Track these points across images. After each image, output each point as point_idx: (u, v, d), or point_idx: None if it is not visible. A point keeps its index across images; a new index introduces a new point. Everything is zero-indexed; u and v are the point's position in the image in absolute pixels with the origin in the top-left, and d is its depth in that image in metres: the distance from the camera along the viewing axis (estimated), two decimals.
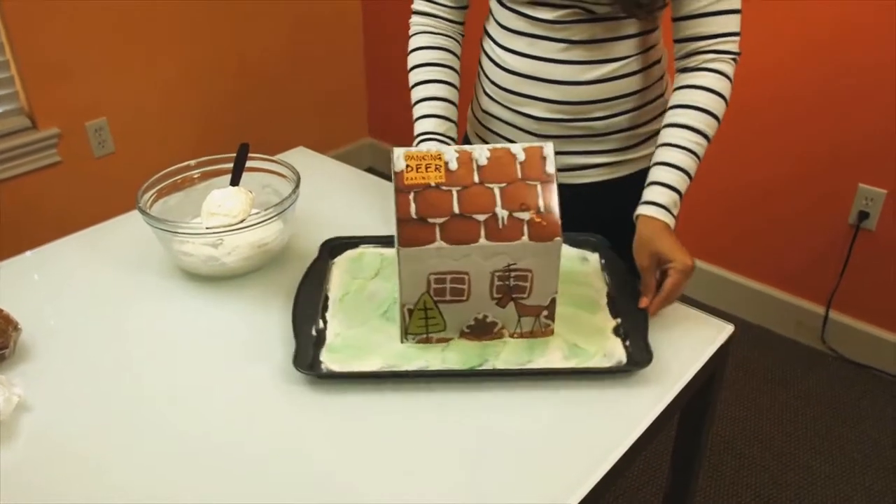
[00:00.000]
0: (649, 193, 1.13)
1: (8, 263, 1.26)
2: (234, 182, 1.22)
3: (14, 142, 2.27)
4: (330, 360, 1.02)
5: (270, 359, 1.04)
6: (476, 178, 0.99)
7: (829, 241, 2.30)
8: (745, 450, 2.05)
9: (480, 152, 0.99)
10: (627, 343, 1.03)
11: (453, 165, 0.99)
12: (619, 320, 1.06)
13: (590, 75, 1.20)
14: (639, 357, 1.00)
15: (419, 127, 1.26)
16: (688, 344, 1.07)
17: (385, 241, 1.22)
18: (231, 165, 1.25)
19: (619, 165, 1.29)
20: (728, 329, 1.11)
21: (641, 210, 1.12)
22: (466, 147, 1.01)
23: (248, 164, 1.27)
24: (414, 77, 1.30)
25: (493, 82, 1.29)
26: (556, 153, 1.26)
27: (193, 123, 2.74)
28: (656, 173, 1.14)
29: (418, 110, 1.28)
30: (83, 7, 2.33)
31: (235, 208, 1.15)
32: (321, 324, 1.08)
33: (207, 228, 1.14)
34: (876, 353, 2.33)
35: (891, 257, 2.21)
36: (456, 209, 0.97)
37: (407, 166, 0.99)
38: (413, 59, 1.31)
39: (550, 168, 0.98)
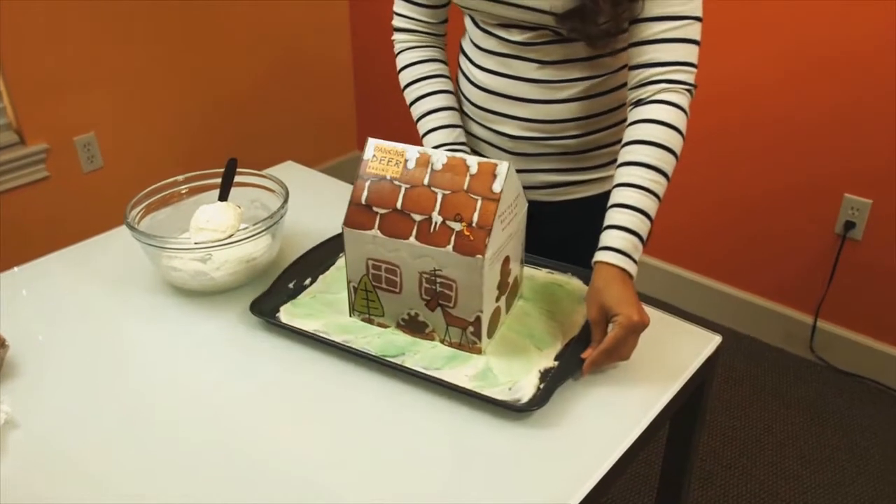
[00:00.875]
0: (607, 238, 1.05)
1: None
2: (223, 197, 1.22)
3: (2, 157, 2.27)
4: (286, 311, 1.12)
5: (257, 374, 1.04)
6: (426, 181, 1.01)
7: (817, 250, 2.32)
8: (735, 460, 2.06)
9: (438, 157, 1.02)
10: (541, 386, 0.98)
11: (411, 164, 1.03)
12: (556, 363, 1.02)
13: (562, 94, 1.20)
14: (531, 403, 0.95)
15: (430, 141, 1.27)
16: (676, 355, 1.08)
17: None
18: (219, 181, 1.26)
19: (597, 183, 1.29)
20: (716, 340, 1.11)
21: (599, 256, 1.04)
22: (429, 150, 1.03)
23: (237, 178, 1.28)
24: (411, 94, 1.30)
25: (468, 100, 1.30)
26: (532, 171, 1.27)
27: (182, 138, 2.74)
28: (614, 216, 1.06)
29: (424, 125, 1.28)
30: (72, 22, 2.33)
31: (224, 223, 1.15)
32: (307, 281, 1.17)
33: (196, 243, 1.14)
34: (864, 362, 2.34)
35: (877, 267, 2.23)
36: (399, 205, 1.02)
37: (374, 156, 1.05)
38: (405, 77, 1.31)
39: (497, 187, 0.98)
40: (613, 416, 0.97)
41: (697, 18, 1.11)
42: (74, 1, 2.32)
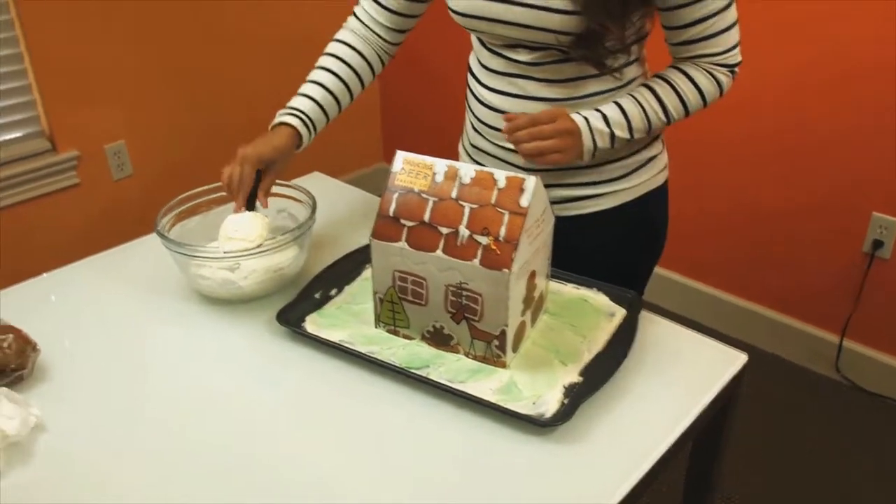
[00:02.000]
0: (586, 113, 1.17)
1: (26, 285, 1.28)
2: (250, 207, 1.23)
3: (34, 164, 2.31)
4: (312, 321, 1.13)
5: (282, 382, 1.05)
6: (454, 194, 1.02)
7: (844, 269, 2.30)
8: (758, 479, 2.04)
9: (467, 171, 1.03)
10: (565, 401, 0.98)
11: (439, 178, 1.03)
12: (581, 378, 1.02)
13: (572, 111, 1.20)
14: (555, 418, 0.95)
15: (292, 101, 1.28)
16: (701, 372, 1.07)
17: None
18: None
19: (611, 196, 1.28)
20: (742, 358, 1.10)
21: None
22: (458, 164, 1.04)
23: None
24: (318, 62, 1.32)
25: (478, 118, 1.30)
26: (547, 186, 1.26)
27: (210, 148, 2.76)
28: (603, 107, 1.18)
29: (302, 88, 1.29)
30: (103, 32, 2.37)
31: (252, 233, 1.16)
32: (333, 292, 1.18)
33: (225, 253, 1.15)
34: (891, 383, 2.31)
35: None
36: (426, 217, 1.02)
37: (402, 169, 1.05)
38: (327, 48, 1.33)
39: (524, 201, 0.99)
40: (637, 433, 0.97)
41: (730, 4, 1.15)
42: (106, 11, 2.36)
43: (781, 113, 2.25)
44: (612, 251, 1.31)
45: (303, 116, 1.26)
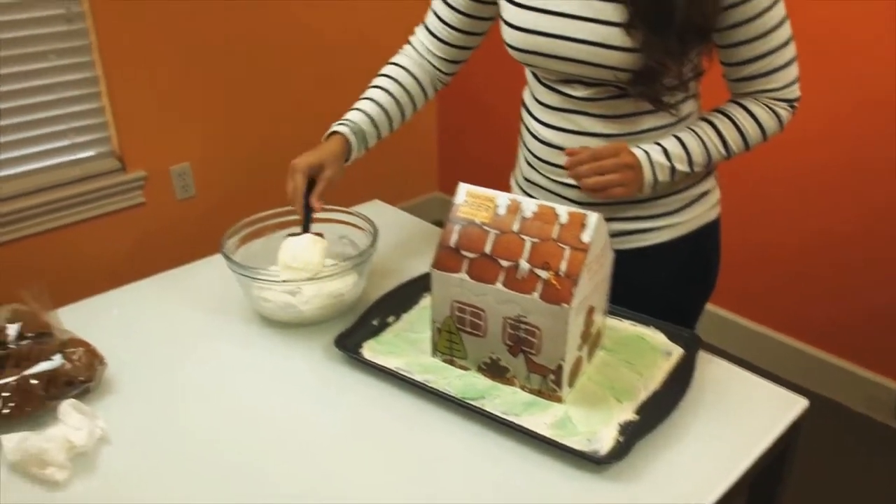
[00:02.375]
0: (647, 147, 1.18)
1: (93, 300, 1.32)
2: (306, 226, 1.24)
3: (104, 182, 2.39)
4: (369, 348, 1.14)
5: (338, 407, 1.07)
6: (516, 227, 1.03)
7: None
8: None
9: (528, 205, 1.04)
10: (621, 439, 0.97)
11: (501, 211, 1.05)
12: (637, 417, 1.01)
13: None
14: (611, 455, 0.95)
15: (345, 115, 1.31)
16: (759, 416, 1.05)
17: None
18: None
19: (666, 230, 1.28)
20: (801, 403, 1.08)
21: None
22: (520, 197, 1.05)
23: (326, 215, 1.32)
24: (374, 81, 1.35)
25: (531, 153, 1.30)
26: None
27: (270, 172, 2.82)
28: (663, 140, 1.19)
29: (356, 104, 1.32)
30: (175, 58, 2.46)
31: (312, 262, 1.18)
32: (391, 319, 1.19)
33: (284, 281, 1.17)
34: None
35: None
36: (487, 249, 1.03)
37: (465, 201, 1.07)
38: (382, 70, 1.36)
39: (586, 237, 0.99)
40: (693, 476, 0.95)
41: (789, 40, 1.16)
42: (179, 38, 2.45)
43: (834, 142, 2.21)
44: (663, 286, 1.30)
45: (352, 126, 1.29)
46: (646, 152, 1.17)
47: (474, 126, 3.22)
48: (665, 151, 1.18)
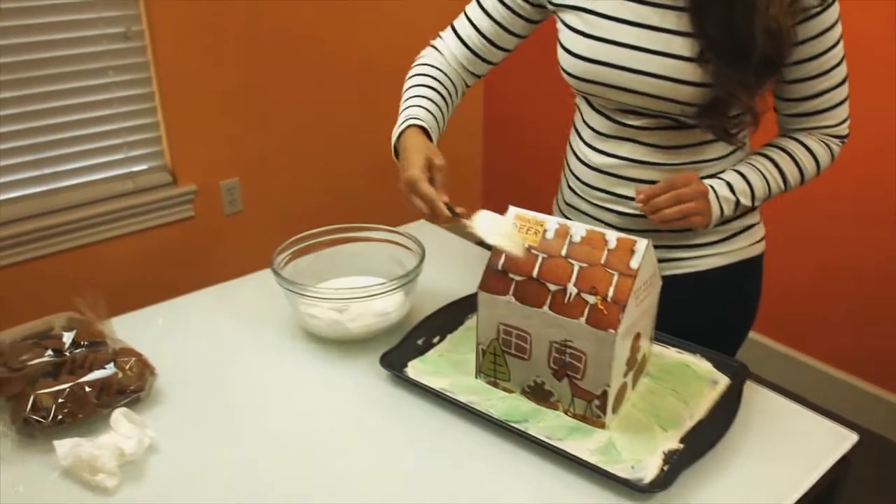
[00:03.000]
0: (715, 181, 1.18)
1: (144, 311, 1.34)
2: (453, 213, 1.13)
3: (156, 196, 2.45)
4: (413, 367, 1.15)
5: (382, 426, 1.08)
6: (564, 252, 1.03)
7: None
8: None
9: (577, 230, 1.04)
10: (665, 468, 0.96)
11: (550, 234, 1.05)
12: (681, 446, 1.00)
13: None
14: (655, 484, 0.94)
15: (407, 112, 1.21)
16: (808, 450, 1.04)
17: None
18: (357, 234, 1.34)
19: (708, 258, 1.26)
20: (851, 438, 1.06)
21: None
22: (569, 222, 1.05)
23: (374, 234, 1.34)
24: (413, 81, 1.27)
25: (578, 178, 1.29)
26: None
27: (317, 191, 2.86)
28: (725, 174, 1.19)
29: (413, 101, 1.23)
30: (226, 75, 2.51)
31: (510, 230, 1.06)
32: (436, 339, 1.20)
33: (336, 289, 1.18)
34: None
35: None
36: (535, 273, 1.03)
37: (513, 224, 1.07)
38: (416, 70, 1.29)
39: (635, 263, 0.99)
40: None
41: (846, 79, 1.15)
42: (229, 57, 2.50)
43: (879, 168, 2.17)
44: (700, 316, 1.27)
45: (424, 118, 1.21)
46: (710, 186, 1.17)
47: (519, 148, 3.23)
48: (729, 185, 1.17)
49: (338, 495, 0.96)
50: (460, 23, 1.31)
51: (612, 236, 1.01)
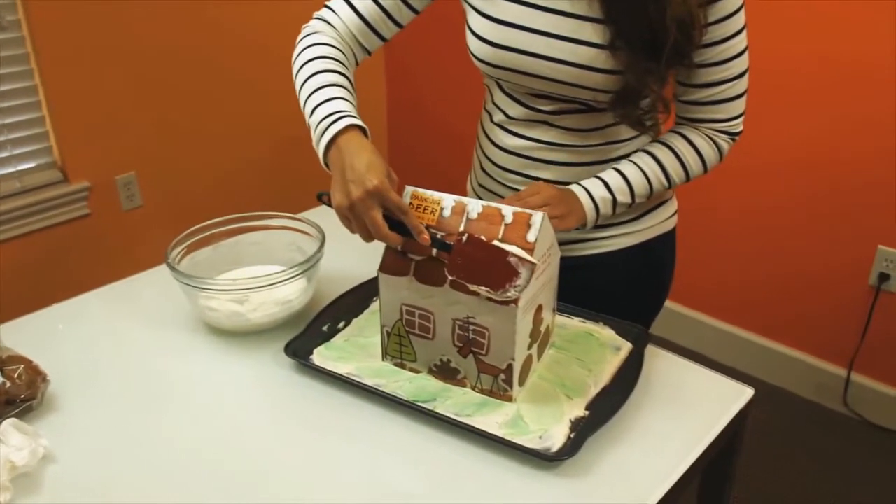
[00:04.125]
0: (592, 183, 1.18)
1: (36, 315, 1.28)
2: (404, 231, 1.04)
3: (46, 194, 2.33)
4: (319, 354, 1.13)
5: (289, 414, 1.06)
6: (462, 229, 1.03)
7: (850, 302, 2.30)
8: None
9: (474, 206, 1.04)
10: (572, 436, 0.98)
11: (447, 213, 1.04)
12: (587, 413, 1.02)
13: (587, 157, 1.21)
14: (562, 452, 0.95)
15: (333, 105, 1.06)
16: (706, 407, 1.07)
17: None
18: (257, 223, 1.31)
19: (621, 237, 1.28)
20: (748, 393, 1.11)
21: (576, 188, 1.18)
22: (465, 199, 1.04)
23: (272, 222, 1.31)
24: (316, 65, 1.13)
25: (490, 160, 1.29)
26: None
27: (218, 180, 2.79)
28: (604, 174, 1.19)
29: (331, 91, 1.09)
30: (116, 65, 2.41)
31: None
32: (341, 325, 1.19)
33: (233, 280, 1.16)
34: None
35: None
36: (434, 252, 1.02)
37: (410, 203, 1.06)
38: (315, 50, 1.15)
39: (532, 236, 1.00)
40: (644, 468, 0.97)
41: (744, 72, 1.14)
42: (118, 45, 2.40)
43: (786, 147, 2.26)
44: (616, 293, 1.30)
45: (356, 119, 1.07)
46: (585, 188, 1.17)
47: (423, 132, 3.22)
48: (606, 184, 1.18)
49: (249, 491, 0.94)
50: None
51: (509, 211, 1.02)
